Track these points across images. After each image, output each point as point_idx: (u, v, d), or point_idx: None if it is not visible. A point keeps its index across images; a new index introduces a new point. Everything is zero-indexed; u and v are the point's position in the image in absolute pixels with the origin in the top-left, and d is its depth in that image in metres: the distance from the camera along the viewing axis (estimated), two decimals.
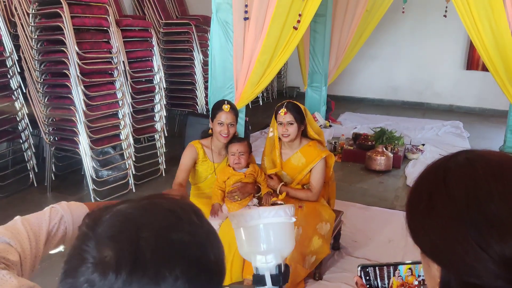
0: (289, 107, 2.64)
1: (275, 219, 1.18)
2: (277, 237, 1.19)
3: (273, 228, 1.19)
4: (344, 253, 3.11)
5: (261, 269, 1.15)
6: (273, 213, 1.18)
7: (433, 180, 0.69)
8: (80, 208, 1.07)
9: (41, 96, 3.88)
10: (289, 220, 1.21)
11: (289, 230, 1.23)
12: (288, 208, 1.21)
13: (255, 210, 1.19)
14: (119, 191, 4.08)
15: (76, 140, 3.80)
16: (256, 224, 1.18)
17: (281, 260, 1.16)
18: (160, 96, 4.59)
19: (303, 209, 2.59)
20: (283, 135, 2.65)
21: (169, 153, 4.84)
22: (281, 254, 1.17)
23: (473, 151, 0.69)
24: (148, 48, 4.54)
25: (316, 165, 2.69)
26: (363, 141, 5.33)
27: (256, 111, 7.74)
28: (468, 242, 0.60)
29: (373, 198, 4.14)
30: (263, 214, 1.17)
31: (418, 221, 0.69)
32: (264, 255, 1.15)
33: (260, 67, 3.93)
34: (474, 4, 3.59)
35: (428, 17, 7.97)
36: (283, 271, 1.16)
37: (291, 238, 1.24)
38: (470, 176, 0.64)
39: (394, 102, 8.93)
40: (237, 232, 1.22)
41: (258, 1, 3.70)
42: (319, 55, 6.64)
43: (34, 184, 4.16)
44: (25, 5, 3.75)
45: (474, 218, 0.61)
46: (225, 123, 2.67)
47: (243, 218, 1.19)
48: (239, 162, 2.65)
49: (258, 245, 1.17)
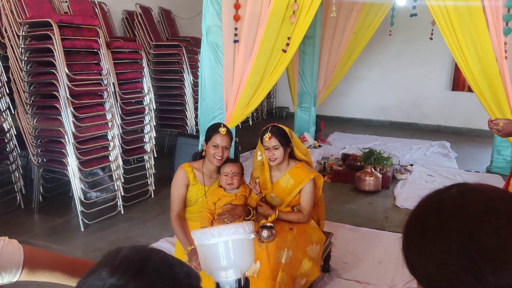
0: (273, 131, 2.65)
1: (235, 236, 1.22)
2: (237, 253, 1.22)
3: (233, 245, 1.22)
4: (334, 275, 3.10)
5: (222, 284, 1.20)
6: (232, 230, 1.22)
7: (427, 212, 0.70)
8: (13, 253, 1.05)
9: (30, 117, 3.87)
10: (248, 237, 1.25)
11: (249, 246, 1.27)
12: (247, 226, 1.25)
13: (215, 228, 1.23)
14: (107, 213, 4.04)
15: (64, 161, 3.77)
16: (216, 242, 1.21)
17: (240, 275, 1.21)
18: (150, 117, 4.60)
19: (294, 231, 2.59)
20: (270, 160, 2.65)
21: (159, 174, 4.83)
22: (241, 269, 1.22)
23: (465, 184, 0.71)
24: (138, 69, 4.56)
25: (305, 186, 2.70)
26: (352, 162, 5.37)
27: (246, 131, 7.76)
28: (464, 273, 0.61)
29: (362, 219, 4.15)
30: (223, 232, 1.21)
31: (414, 253, 0.70)
32: (225, 271, 1.20)
33: (250, 88, 3.96)
34: (459, 27, 3.67)
35: (414, 39, 8.13)
36: (243, 285, 1.21)
37: (251, 254, 1.29)
38: (463, 209, 0.66)
39: (383, 122, 9.03)
40: (199, 249, 1.26)
41: (247, 24, 3.76)
42: (308, 76, 6.72)
43: (21, 206, 4.11)
44: (15, 27, 3.76)
45: (469, 250, 0.62)
46: (220, 145, 2.67)
47: (204, 236, 1.22)
48: (231, 183, 2.64)
49: (219, 261, 1.21)
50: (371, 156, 5.27)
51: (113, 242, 3.61)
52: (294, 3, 3.69)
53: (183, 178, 2.74)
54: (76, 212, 3.85)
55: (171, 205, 2.73)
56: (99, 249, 3.45)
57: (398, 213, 4.36)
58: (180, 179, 2.76)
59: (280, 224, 2.61)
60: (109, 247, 3.51)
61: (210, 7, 3.86)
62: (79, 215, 3.81)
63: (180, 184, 2.75)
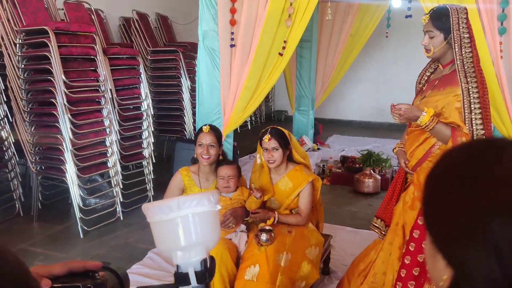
0: (273, 133, 2.66)
1: (198, 209, 1.01)
2: (201, 229, 1.02)
3: (196, 219, 1.02)
4: (334, 277, 3.09)
5: (183, 266, 1.01)
6: (195, 202, 1.01)
7: (481, 162, 0.63)
8: None
9: (27, 125, 3.87)
10: (213, 209, 1.04)
11: (214, 220, 1.06)
12: (212, 195, 1.04)
13: (173, 200, 1.02)
14: (106, 219, 4.04)
15: (63, 168, 3.77)
16: (176, 216, 1.01)
17: (205, 254, 1.02)
18: (147, 123, 4.60)
19: (292, 234, 2.59)
20: (269, 161, 2.65)
21: (157, 179, 4.82)
22: (206, 247, 1.03)
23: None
24: (136, 75, 4.56)
25: (304, 189, 2.70)
26: (351, 164, 5.37)
27: (244, 135, 7.76)
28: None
29: (362, 221, 4.15)
30: (183, 204, 1.01)
31: (442, 208, 0.63)
32: (187, 251, 1.01)
33: (247, 92, 3.97)
34: None
35: (411, 40, 8.14)
36: (208, 266, 1.03)
37: (217, 228, 1.08)
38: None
39: (381, 124, 9.03)
40: (154, 226, 1.04)
41: (243, 28, 3.77)
42: (306, 79, 6.73)
43: (20, 214, 4.11)
44: (12, 35, 3.77)
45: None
46: (205, 144, 2.69)
47: (160, 210, 1.02)
48: (228, 186, 2.65)
49: (179, 240, 1.01)
50: (370, 158, 5.28)
51: (113, 248, 3.60)
52: (290, 6, 3.70)
53: (178, 182, 2.81)
54: (75, 219, 3.85)
55: None
56: (98, 256, 3.45)
57: None
58: (175, 183, 2.82)
59: (278, 227, 2.61)
60: (109, 253, 3.51)
61: (206, 12, 3.87)
62: (78, 222, 3.80)
63: (173, 188, 2.81)
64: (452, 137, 2.12)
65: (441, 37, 2.17)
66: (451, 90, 2.18)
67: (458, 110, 2.15)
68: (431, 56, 2.28)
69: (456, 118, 2.14)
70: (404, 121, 2.20)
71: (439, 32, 2.17)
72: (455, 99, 2.15)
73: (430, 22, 2.19)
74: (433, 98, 2.24)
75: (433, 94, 2.27)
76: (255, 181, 2.84)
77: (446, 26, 2.15)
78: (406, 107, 2.15)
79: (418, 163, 2.30)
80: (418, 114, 2.14)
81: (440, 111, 2.19)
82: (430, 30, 2.19)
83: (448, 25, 2.15)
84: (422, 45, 2.25)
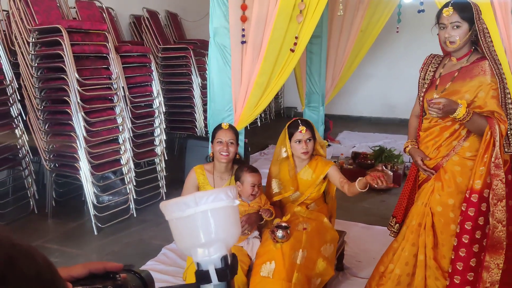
0: (305, 124, 2.70)
1: (216, 204, 0.99)
2: (220, 225, 1.00)
3: (214, 215, 0.99)
4: (349, 273, 3.09)
5: (204, 264, 0.98)
6: (212, 197, 0.98)
7: None
8: None
9: (41, 123, 3.90)
10: (232, 203, 1.02)
11: (233, 215, 1.03)
12: (229, 190, 1.02)
13: (190, 197, 0.99)
14: (120, 216, 4.06)
15: (76, 166, 3.80)
16: (193, 212, 0.99)
17: (226, 251, 1.00)
18: (159, 120, 4.62)
19: (308, 231, 2.58)
20: (304, 152, 2.67)
21: (170, 176, 4.84)
22: (226, 243, 1.01)
23: None
24: (147, 73, 4.58)
25: (329, 171, 2.75)
26: (363, 160, 5.35)
27: (254, 132, 7.76)
28: None
29: (375, 217, 4.14)
30: (200, 200, 0.99)
31: None
32: (206, 248, 0.99)
33: (258, 89, 3.96)
34: None
35: (422, 36, 8.05)
36: (230, 263, 1.00)
37: (236, 224, 1.05)
38: None
39: (392, 120, 8.98)
40: (172, 224, 1.03)
41: (254, 25, 3.76)
42: (316, 75, 6.70)
43: (34, 211, 4.14)
44: (25, 34, 3.80)
45: None
46: (225, 140, 2.69)
47: (177, 207, 1.00)
48: (255, 194, 2.63)
49: (198, 237, 0.99)
50: (381, 154, 5.26)
51: (127, 244, 3.63)
52: (301, 2, 3.68)
53: (193, 180, 2.81)
54: (89, 216, 3.88)
55: None
56: (113, 252, 3.47)
57: None
58: (190, 181, 2.83)
59: (294, 223, 2.61)
60: (123, 250, 3.54)
61: (217, 9, 3.86)
62: (92, 219, 3.83)
63: (189, 186, 2.82)
64: (489, 125, 2.13)
65: (466, 28, 2.20)
66: (482, 80, 2.20)
67: (495, 98, 2.17)
68: (456, 48, 2.27)
69: (494, 107, 2.16)
70: (443, 115, 2.19)
71: (466, 23, 2.19)
72: (489, 88, 2.17)
73: (456, 14, 2.20)
74: (461, 89, 2.24)
75: (457, 85, 2.27)
76: (275, 175, 2.83)
77: (470, 17, 2.19)
78: (444, 100, 2.14)
79: (445, 158, 2.29)
80: (456, 107, 2.13)
81: (471, 101, 2.20)
82: (456, 21, 2.20)
83: (471, 15, 2.18)
84: (445, 37, 2.24)
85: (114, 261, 0.74)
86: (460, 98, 2.19)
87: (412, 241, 2.42)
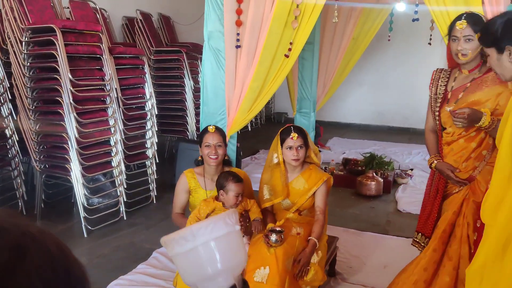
0: (298, 131, 2.66)
1: (216, 233, 0.96)
2: (223, 254, 0.97)
3: (216, 245, 0.96)
4: (340, 279, 3.10)
5: None
6: (210, 227, 0.95)
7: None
8: None
9: (32, 123, 3.86)
10: (233, 229, 0.99)
11: (236, 241, 1.01)
12: (228, 217, 0.99)
13: (187, 230, 0.97)
14: (110, 219, 4.03)
15: (67, 167, 3.76)
16: (193, 246, 0.96)
17: (233, 280, 0.98)
18: (151, 123, 4.60)
19: (301, 235, 2.59)
20: (294, 160, 2.64)
21: (160, 179, 4.82)
22: (233, 272, 0.99)
23: None
24: (140, 75, 4.56)
25: (320, 187, 2.70)
26: (353, 166, 5.38)
27: (245, 137, 7.76)
28: None
29: (365, 224, 4.16)
30: (198, 232, 0.95)
31: None
32: (213, 280, 0.97)
33: (252, 93, 3.97)
34: None
35: (413, 44, 8.17)
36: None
37: (241, 249, 1.02)
38: None
39: (381, 127, 9.06)
40: (175, 260, 1.01)
41: (249, 30, 3.77)
42: (308, 81, 6.74)
43: (23, 212, 4.08)
44: (18, 33, 3.76)
45: None
46: (212, 144, 2.69)
47: (176, 243, 0.98)
48: (237, 203, 2.57)
49: (204, 270, 0.96)
50: (372, 160, 5.29)
51: (117, 247, 3.59)
52: (296, 8, 3.71)
53: (183, 185, 2.81)
54: (79, 218, 3.84)
55: (173, 204, 2.84)
56: (103, 255, 3.44)
57: (400, 217, 4.37)
58: (181, 186, 2.83)
59: (288, 228, 2.61)
60: (113, 253, 3.50)
61: (212, 13, 3.87)
62: (82, 221, 3.79)
63: (180, 190, 2.82)
64: None
65: (477, 41, 2.21)
66: (501, 88, 2.21)
67: None
68: (467, 60, 2.29)
69: None
70: (468, 124, 2.19)
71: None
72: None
73: (469, 27, 2.22)
74: (480, 99, 2.25)
75: (476, 96, 2.28)
76: (267, 181, 2.81)
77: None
78: (469, 110, 2.15)
79: (477, 169, 2.31)
80: (480, 116, 2.15)
81: (493, 109, 2.21)
82: (469, 35, 2.23)
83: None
84: (458, 49, 2.26)
85: (104, 264, 0.70)
86: (483, 107, 2.20)
87: (434, 247, 2.39)
